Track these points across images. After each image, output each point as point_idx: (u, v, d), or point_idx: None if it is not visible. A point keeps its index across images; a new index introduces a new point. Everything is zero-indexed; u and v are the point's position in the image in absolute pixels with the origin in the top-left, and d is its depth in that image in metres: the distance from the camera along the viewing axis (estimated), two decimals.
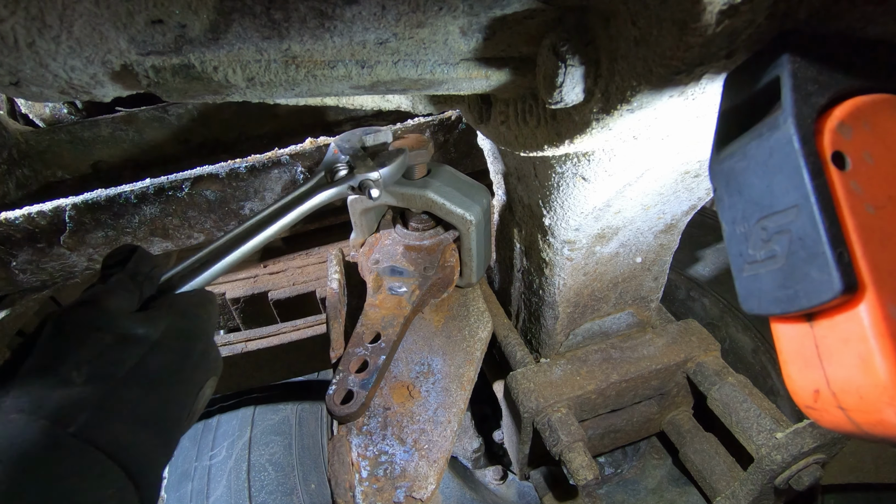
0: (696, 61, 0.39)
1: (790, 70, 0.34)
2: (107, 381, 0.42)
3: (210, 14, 0.45)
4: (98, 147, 1.90)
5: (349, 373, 0.77)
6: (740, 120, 0.38)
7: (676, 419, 1.07)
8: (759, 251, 0.36)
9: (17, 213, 1.24)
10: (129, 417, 0.42)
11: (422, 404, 0.79)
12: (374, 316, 0.85)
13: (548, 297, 0.92)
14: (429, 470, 0.71)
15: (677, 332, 1.01)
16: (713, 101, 0.44)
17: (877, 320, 0.30)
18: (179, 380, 0.48)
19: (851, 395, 0.32)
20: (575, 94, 0.49)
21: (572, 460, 0.83)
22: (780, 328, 0.37)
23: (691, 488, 1.12)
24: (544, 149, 0.60)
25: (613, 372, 0.94)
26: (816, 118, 0.33)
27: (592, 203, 0.71)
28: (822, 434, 0.81)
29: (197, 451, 1.59)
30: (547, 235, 0.82)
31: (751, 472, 0.86)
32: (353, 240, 1.02)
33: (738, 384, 0.92)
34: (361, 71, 0.52)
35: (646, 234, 0.85)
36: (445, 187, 0.89)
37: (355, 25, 0.48)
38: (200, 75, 0.49)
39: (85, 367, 0.41)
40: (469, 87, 0.58)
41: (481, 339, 0.91)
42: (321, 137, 1.49)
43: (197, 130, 1.99)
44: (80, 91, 0.50)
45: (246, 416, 1.65)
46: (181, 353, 0.49)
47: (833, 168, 0.32)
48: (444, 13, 0.48)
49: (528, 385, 0.93)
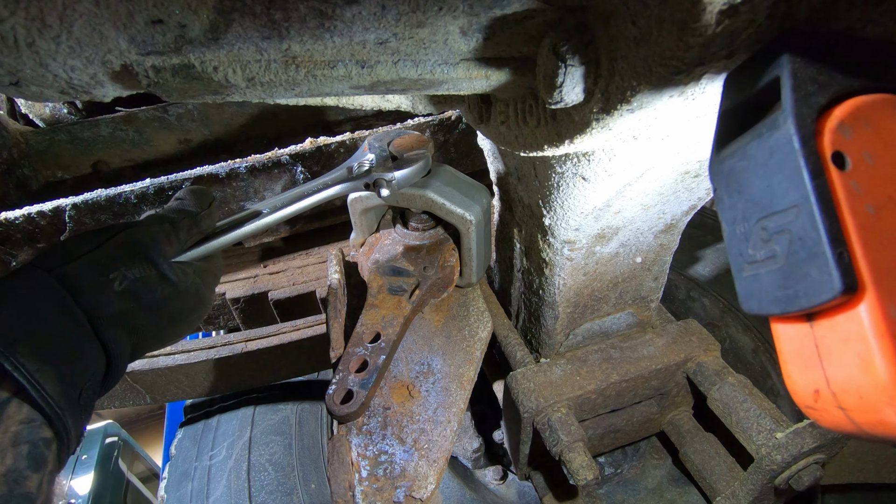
0: (696, 61, 0.39)
1: (790, 70, 0.34)
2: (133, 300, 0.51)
3: (210, 14, 0.45)
4: (98, 147, 1.90)
5: (349, 372, 0.77)
6: (740, 120, 0.38)
7: (676, 419, 1.07)
8: (759, 251, 0.36)
9: (17, 213, 1.24)
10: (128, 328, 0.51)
11: (422, 404, 0.79)
12: (374, 316, 0.85)
13: (548, 297, 0.92)
14: (429, 470, 0.71)
15: (677, 332, 1.01)
16: (713, 101, 0.44)
17: (877, 320, 0.30)
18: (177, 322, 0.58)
19: (851, 395, 0.32)
20: (575, 94, 0.49)
21: (572, 460, 0.83)
22: (780, 328, 0.37)
23: (691, 488, 1.12)
24: (544, 149, 0.60)
25: (613, 372, 0.94)
26: (816, 118, 0.33)
27: (592, 203, 0.71)
28: (822, 434, 0.81)
29: (197, 451, 1.59)
30: (547, 235, 0.82)
31: (751, 472, 0.86)
32: (353, 240, 1.02)
33: (739, 384, 0.92)
34: (361, 71, 0.52)
35: (646, 234, 0.85)
36: (445, 187, 0.89)
37: (355, 25, 0.48)
38: (200, 75, 0.49)
39: (126, 283, 0.50)
40: (469, 87, 0.58)
41: (481, 339, 0.91)
42: (321, 137, 1.49)
43: (197, 130, 1.99)
44: (80, 91, 0.50)
45: (246, 416, 1.66)
46: (190, 307, 0.59)
47: (833, 168, 0.32)
48: (444, 13, 0.48)
49: (528, 385, 0.93)
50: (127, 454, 4.45)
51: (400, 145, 0.83)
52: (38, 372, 0.40)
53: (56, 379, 0.42)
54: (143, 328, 0.52)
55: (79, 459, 3.96)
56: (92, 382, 0.48)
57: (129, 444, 4.64)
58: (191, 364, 1.44)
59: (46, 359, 0.41)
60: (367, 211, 0.98)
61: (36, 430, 0.40)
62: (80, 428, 0.46)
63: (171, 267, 0.55)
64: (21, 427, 0.39)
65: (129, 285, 0.50)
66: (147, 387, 1.45)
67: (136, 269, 0.51)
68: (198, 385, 1.51)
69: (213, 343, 1.49)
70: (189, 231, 0.60)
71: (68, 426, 0.43)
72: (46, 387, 0.41)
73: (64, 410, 0.42)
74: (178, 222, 0.59)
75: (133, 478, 4.28)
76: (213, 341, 1.50)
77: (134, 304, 0.51)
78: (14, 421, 0.39)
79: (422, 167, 0.81)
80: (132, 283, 0.50)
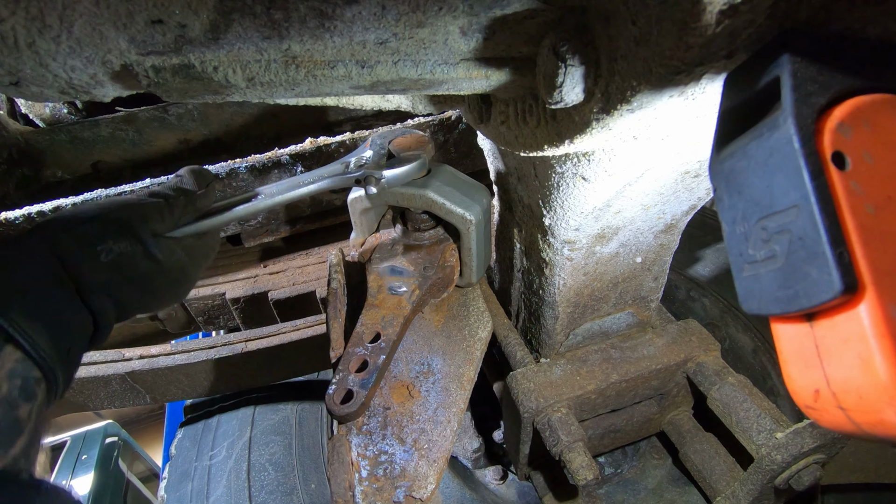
0: (696, 61, 0.39)
1: (790, 70, 0.34)
2: (118, 272, 0.54)
3: (210, 14, 0.45)
4: (98, 147, 1.90)
5: (349, 372, 0.77)
6: (740, 120, 0.38)
7: (676, 419, 1.07)
8: (759, 251, 0.36)
9: (17, 213, 1.24)
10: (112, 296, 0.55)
11: (422, 404, 0.79)
12: (374, 316, 0.85)
13: (548, 297, 0.92)
14: (429, 470, 0.71)
15: (677, 332, 1.01)
16: (713, 101, 0.44)
17: (877, 320, 0.30)
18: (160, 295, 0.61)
19: (851, 395, 0.32)
20: (575, 94, 0.49)
21: (572, 460, 0.83)
22: (780, 328, 0.37)
23: (691, 488, 1.12)
24: (544, 149, 0.60)
25: (613, 372, 0.94)
26: (816, 118, 0.33)
27: (592, 203, 0.71)
28: (822, 434, 0.81)
29: (197, 451, 1.59)
30: (547, 235, 0.82)
31: (751, 472, 0.86)
32: (353, 240, 1.02)
33: (738, 384, 0.92)
34: (361, 71, 0.52)
35: (646, 234, 0.85)
36: (445, 187, 0.89)
37: (355, 25, 0.48)
38: (200, 75, 0.49)
39: (112, 256, 0.54)
40: (469, 87, 0.58)
41: (481, 339, 0.91)
42: (321, 137, 1.49)
43: (197, 130, 1.99)
44: (80, 91, 0.50)
45: (246, 416, 1.66)
46: (173, 281, 0.61)
47: (833, 168, 0.32)
48: (444, 13, 0.48)
49: (528, 385, 0.93)
50: (127, 454, 4.45)
51: (399, 144, 0.83)
52: (31, 329, 0.45)
53: (46, 335, 0.47)
54: (126, 297, 0.57)
55: (79, 459, 3.96)
56: (79, 341, 0.53)
57: (129, 444, 4.64)
58: (191, 364, 1.44)
59: (37, 318, 0.46)
60: (367, 211, 0.98)
61: (29, 369, 0.45)
62: (69, 378, 0.52)
63: (157, 244, 0.58)
64: (15, 364, 0.44)
65: (114, 258, 0.54)
66: (147, 387, 1.45)
67: (122, 244, 0.55)
68: (198, 385, 1.51)
69: (213, 343, 1.49)
70: (184, 208, 0.64)
71: (57, 375, 0.48)
72: (38, 342, 0.46)
73: (54, 361, 0.47)
74: (174, 199, 0.62)
75: (133, 478, 4.28)
76: (213, 341, 1.50)
77: (118, 276, 0.55)
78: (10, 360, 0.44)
79: (415, 168, 0.81)
80: (117, 256, 0.54)
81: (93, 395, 1.42)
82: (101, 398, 1.44)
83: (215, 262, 1.77)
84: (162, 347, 1.46)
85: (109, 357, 1.42)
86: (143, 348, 1.45)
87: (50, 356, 0.47)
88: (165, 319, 1.70)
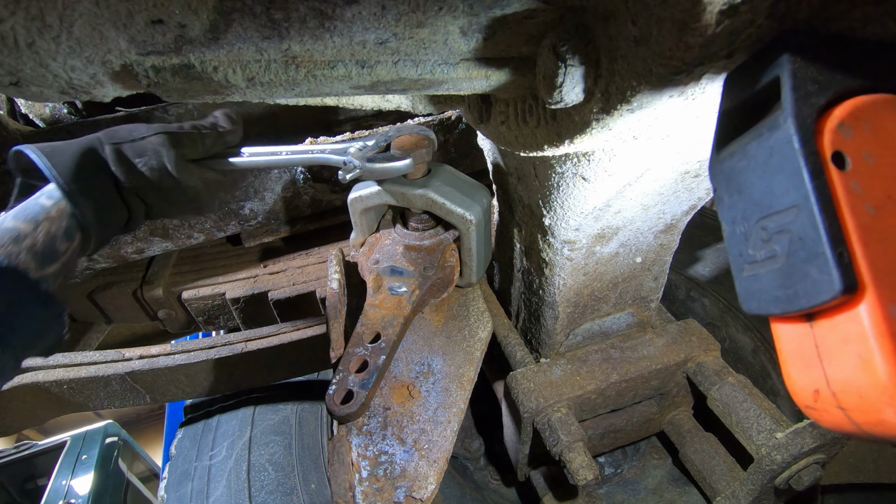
0: (696, 61, 0.39)
1: (790, 70, 0.34)
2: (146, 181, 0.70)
3: (210, 14, 0.45)
4: None
5: (349, 373, 0.77)
6: (740, 120, 0.38)
7: (676, 419, 1.07)
8: (759, 251, 0.36)
9: None
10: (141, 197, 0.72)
11: (422, 404, 0.79)
12: (374, 316, 0.85)
13: (548, 297, 0.92)
14: (429, 470, 0.71)
15: (677, 332, 1.01)
16: (713, 101, 0.44)
17: (877, 320, 0.30)
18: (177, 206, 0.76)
19: (851, 395, 0.32)
20: (575, 94, 0.49)
21: (572, 460, 0.83)
22: (780, 328, 0.37)
23: (691, 488, 1.12)
24: (544, 149, 0.60)
25: (613, 372, 0.94)
26: (816, 118, 0.33)
27: (592, 203, 0.71)
28: (822, 434, 0.81)
29: (197, 451, 1.59)
30: (547, 235, 0.82)
31: (751, 472, 0.86)
32: (353, 240, 1.02)
33: (738, 384, 0.92)
34: (361, 71, 0.52)
35: (646, 234, 0.85)
36: (445, 187, 0.89)
37: (355, 25, 0.48)
38: (200, 75, 0.49)
39: (146, 169, 0.69)
40: (469, 87, 0.58)
41: (481, 339, 0.91)
42: (321, 137, 1.49)
43: None
44: (80, 91, 0.50)
45: (246, 416, 1.65)
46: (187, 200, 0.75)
47: (833, 168, 0.32)
48: (444, 13, 0.48)
49: (528, 385, 0.93)
50: (127, 454, 4.45)
51: (399, 142, 0.84)
52: (81, 203, 0.63)
53: (92, 210, 0.65)
54: (152, 201, 0.73)
55: (79, 459, 3.96)
56: (115, 223, 0.71)
57: (129, 444, 4.63)
58: (191, 364, 1.43)
59: (88, 197, 0.64)
60: (367, 211, 0.98)
61: (73, 225, 0.64)
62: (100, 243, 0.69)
63: (179, 167, 0.72)
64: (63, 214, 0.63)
65: (147, 171, 0.70)
66: (147, 387, 1.45)
67: (154, 161, 0.70)
68: (198, 385, 1.50)
69: (213, 343, 1.49)
70: (215, 141, 0.77)
71: (90, 236, 0.66)
72: (86, 213, 0.64)
73: (91, 226, 0.65)
74: (207, 133, 0.76)
75: (133, 478, 4.28)
76: (213, 341, 1.50)
77: (146, 184, 0.70)
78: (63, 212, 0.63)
79: (399, 167, 0.82)
80: (150, 170, 0.70)
81: (93, 395, 1.42)
82: (101, 398, 1.43)
83: (215, 262, 1.77)
84: (162, 347, 1.46)
85: (109, 357, 1.42)
86: (143, 348, 1.45)
87: (90, 223, 0.64)
88: (165, 319, 1.70)
